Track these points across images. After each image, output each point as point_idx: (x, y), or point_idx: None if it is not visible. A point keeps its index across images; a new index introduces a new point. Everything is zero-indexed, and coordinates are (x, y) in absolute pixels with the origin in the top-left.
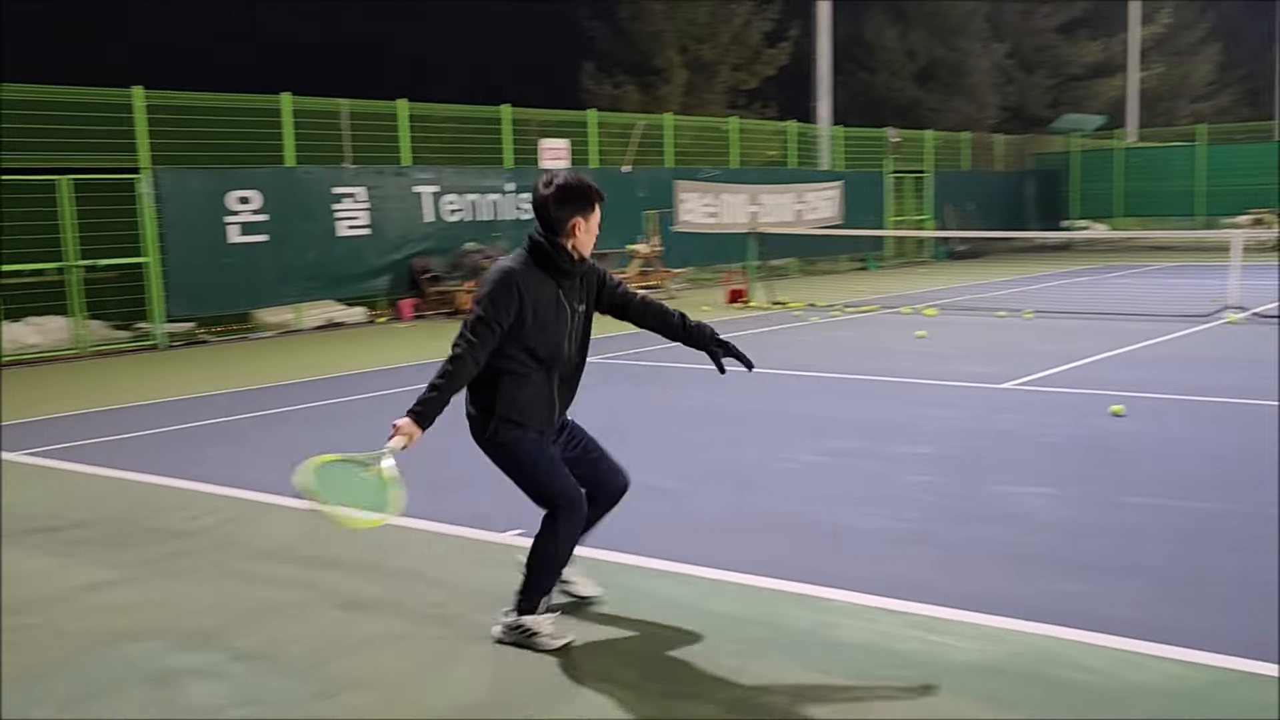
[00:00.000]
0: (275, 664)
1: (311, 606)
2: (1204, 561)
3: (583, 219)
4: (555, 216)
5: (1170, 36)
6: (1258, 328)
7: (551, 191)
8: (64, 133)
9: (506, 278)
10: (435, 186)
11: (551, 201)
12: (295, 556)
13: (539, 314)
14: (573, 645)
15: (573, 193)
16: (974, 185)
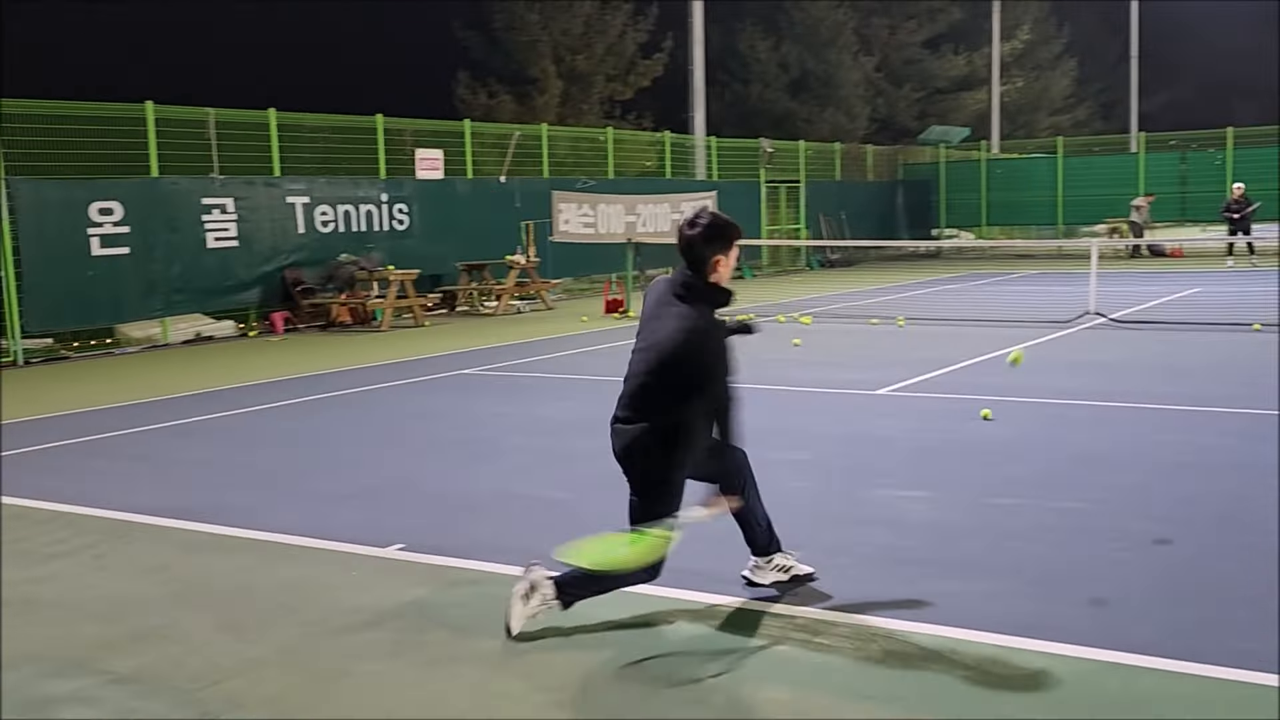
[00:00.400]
0: (153, 688)
1: (188, 628)
2: (1068, 559)
3: (724, 255)
4: (700, 255)
5: (1029, 52)
6: (1114, 332)
7: (699, 231)
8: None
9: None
10: (307, 197)
11: (700, 240)
12: (170, 577)
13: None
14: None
15: (718, 230)
16: (846, 195)
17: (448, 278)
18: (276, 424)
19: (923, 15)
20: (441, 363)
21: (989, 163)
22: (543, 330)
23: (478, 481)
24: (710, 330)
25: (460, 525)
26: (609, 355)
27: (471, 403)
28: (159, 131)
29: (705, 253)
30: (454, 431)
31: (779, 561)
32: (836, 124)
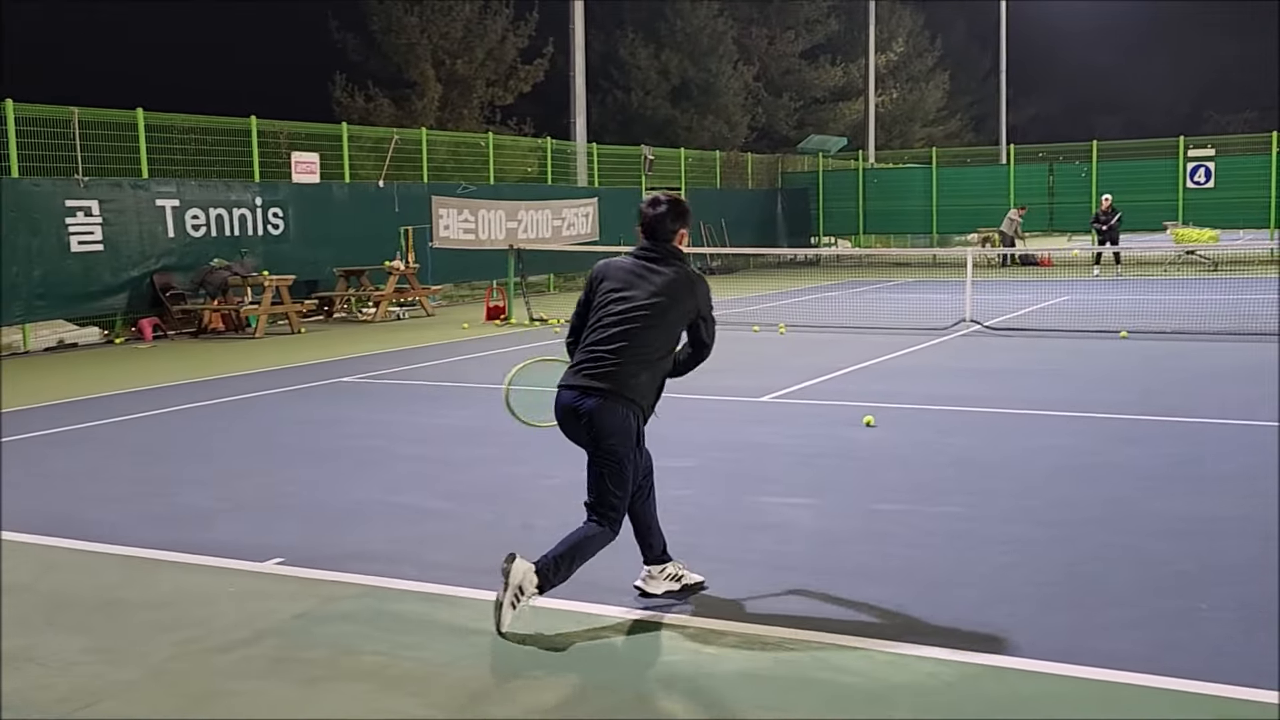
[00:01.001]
0: (19, 714)
1: (55, 650)
2: (952, 565)
3: (685, 230)
4: (671, 228)
5: (904, 64)
6: (990, 339)
7: (664, 209)
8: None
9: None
10: (177, 200)
11: (668, 217)
12: (33, 596)
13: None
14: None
15: (680, 208)
16: (726, 203)
17: (325, 284)
18: (145, 434)
19: (801, 26)
20: (318, 370)
21: (866, 172)
22: (423, 337)
23: (358, 492)
24: (703, 280)
25: (341, 537)
26: (491, 362)
27: (350, 411)
28: (19, 130)
29: (671, 227)
30: (332, 441)
31: (671, 570)
32: (717, 132)
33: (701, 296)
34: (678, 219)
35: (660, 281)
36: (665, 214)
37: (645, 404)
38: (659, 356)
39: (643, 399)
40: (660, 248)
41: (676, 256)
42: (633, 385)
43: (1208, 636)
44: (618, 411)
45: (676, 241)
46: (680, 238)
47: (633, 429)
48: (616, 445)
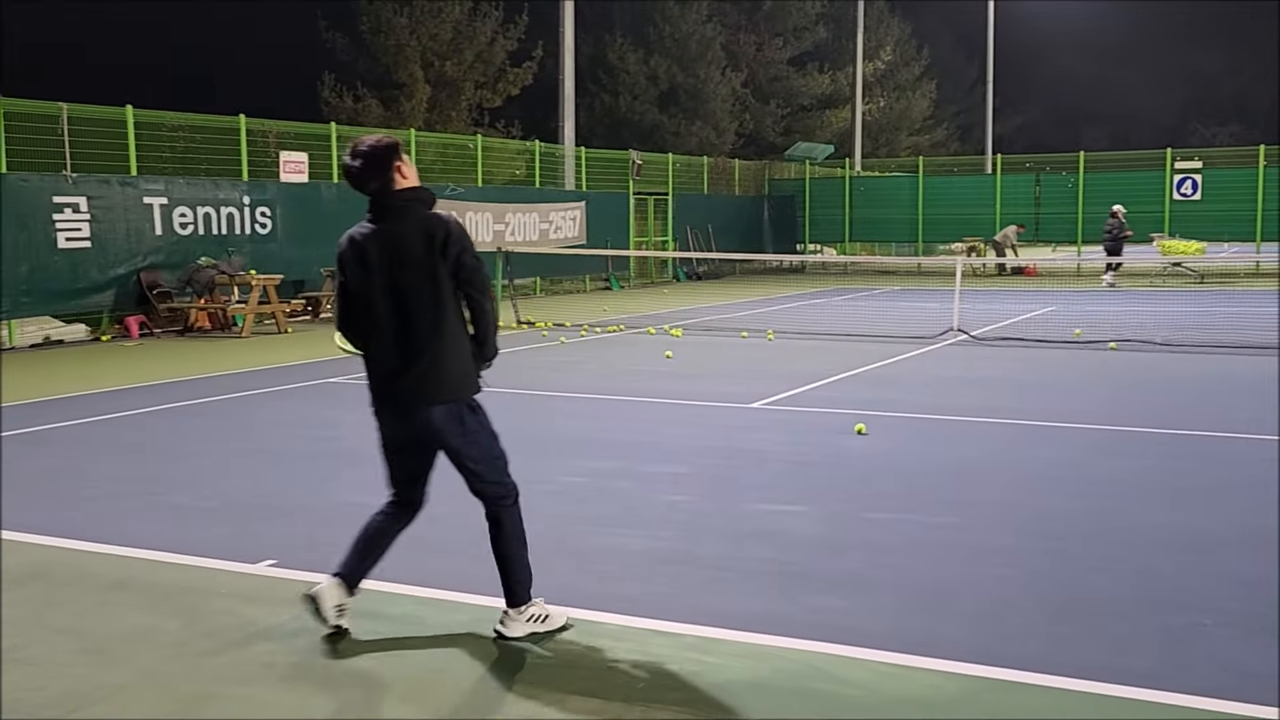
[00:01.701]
0: (12, 715)
1: (45, 652)
2: (946, 574)
3: (401, 161)
4: (379, 178)
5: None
6: (978, 349)
7: (362, 162)
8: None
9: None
10: (165, 198)
11: (369, 169)
12: (22, 597)
13: None
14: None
15: (380, 152)
16: (713, 208)
17: (312, 283)
18: (132, 433)
19: (789, 33)
20: (305, 370)
21: (852, 180)
22: None
23: (348, 493)
24: (442, 218)
25: (333, 539)
26: None
27: (337, 412)
28: (8, 126)
29: (379, 173)
30: (320, 441)
31: (534, 611)
32: (704, 138)
33: (441, 241)
34: (381, 163)
35: (404, 243)
36: (364, 165)
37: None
38: (455, 331)
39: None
40: (386, 200)
41: (412, 201)
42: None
43: (1213, 652)
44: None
45: (399, 181)
46: (399, 170)
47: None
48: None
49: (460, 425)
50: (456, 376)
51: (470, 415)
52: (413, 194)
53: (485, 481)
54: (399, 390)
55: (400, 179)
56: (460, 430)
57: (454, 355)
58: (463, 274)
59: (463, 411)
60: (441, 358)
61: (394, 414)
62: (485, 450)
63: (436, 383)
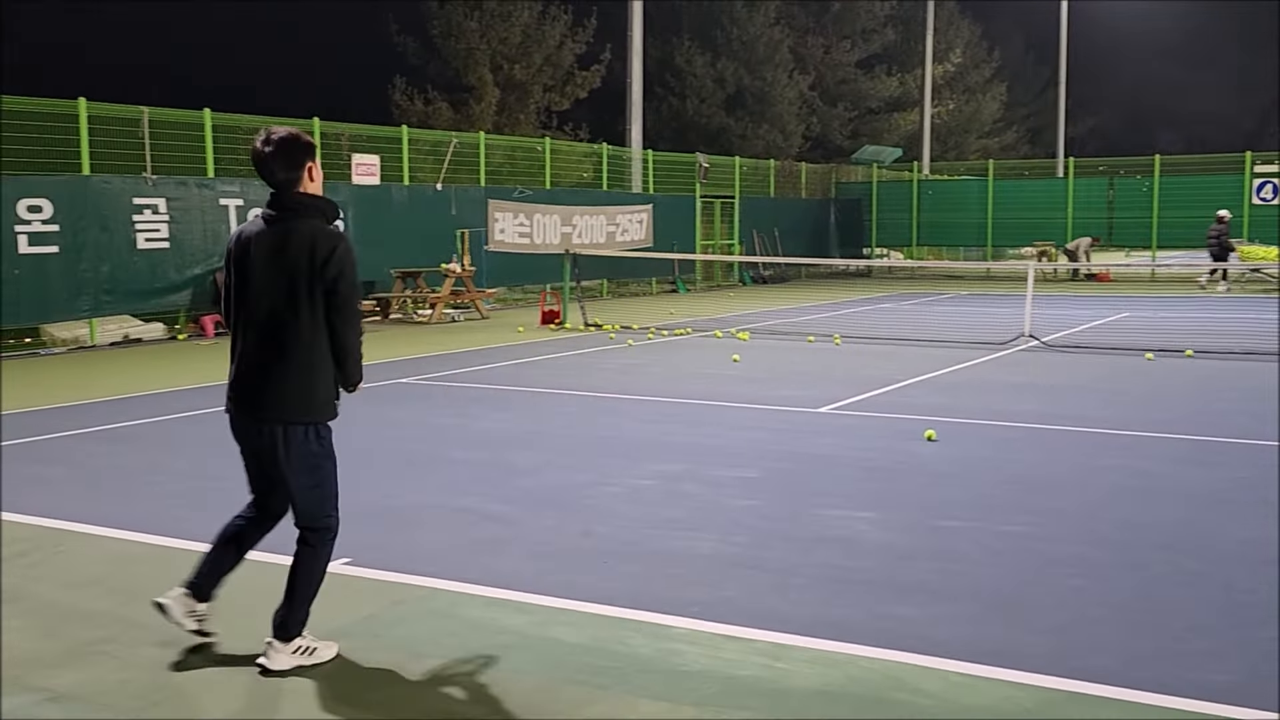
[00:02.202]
0: (94, 706)
1: (130, 644)
2: (1019, 584)
3: (313, 163)
4: (285, 171)
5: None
6: (1049, 355)
7: (274, 149)
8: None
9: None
10: (241, 200)
11: (278, 156)
12: (108, 589)
13: None
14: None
15: (289, 143)
16: (779, 212)
17: (381, 285)
18: (209, 431)
19: (857, 35)
20: (376, 371)
21: (920, 183)
22: (478, 340)
23: (419, 494)
24: (335, 235)
25: (404, 539)
26: (546, 367)
27: (407, 413)
28: (91, 129)
29: (287, 165)
30: (391, 442)
31: (300, 644)
32: (771, 141)
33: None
34: (291, 155)
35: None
36: (275, 152)
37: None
38: (311, 353)
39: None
40: (284, 198)
41: (310, 209)
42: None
43: None
44: (282, 430)
45: (305, 181)
46: (309, 173)
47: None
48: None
49: (286, 448)
50: (295, 398)
51: (303, 440)
52: (312, 200)
53: (299, 512)
54: (247, 392)
55: (307, 181)
56: (285, 453)
57: (300, 375)
58: (333, 299)
59: (294, 435)
60: (286, 376)
61: (239, 420)
62: (308, 480)
63: (271, 400)
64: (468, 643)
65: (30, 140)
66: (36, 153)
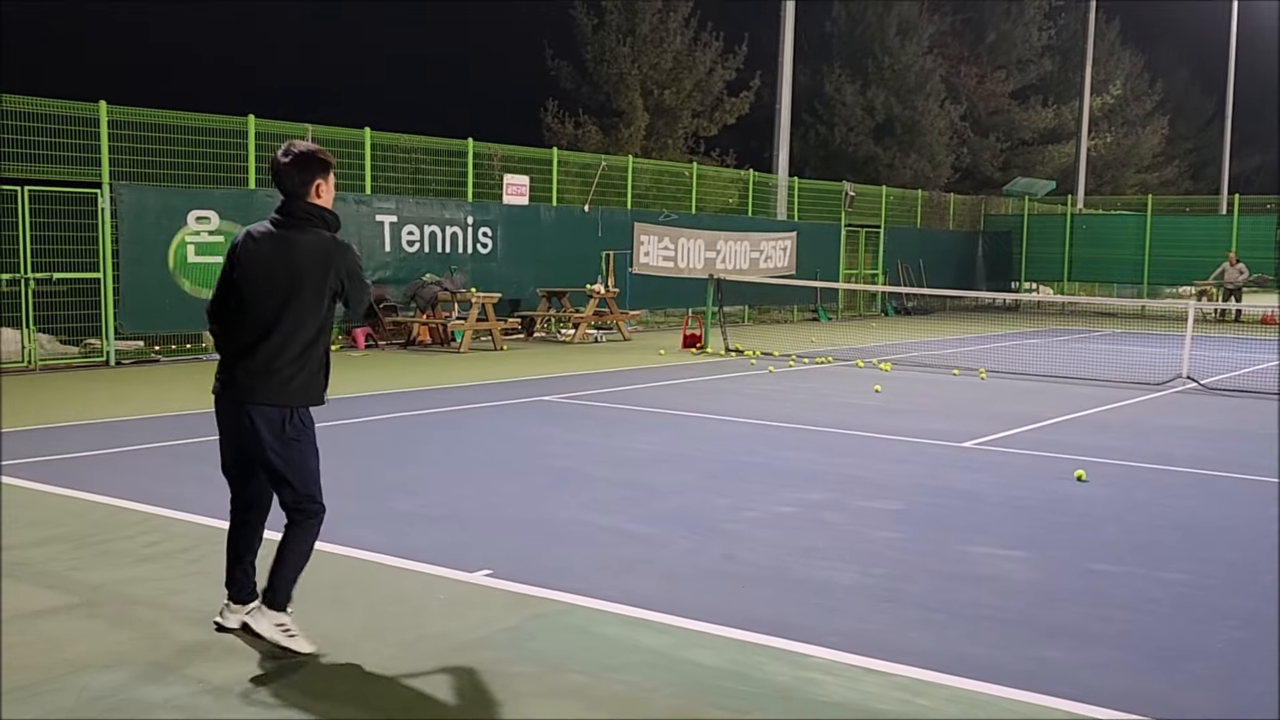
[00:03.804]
0: (247, 700)
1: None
2: (1179, 634)
3: (324, 180)
4: (295, 181)
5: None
6: (1209, 398)
7: (291, 160)
8: (24, 143)
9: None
10: (395, 216)
11: (294, 167)
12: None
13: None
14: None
15: (307, 158)
16: (925, 243)
17: (527, 303)
18: (361, 438)
19: (1012, 66)
20: (521, 388)
21: (1074, 217)
22: (620, 361)
23: (560, 510)
24: (341, 246)
25: (545, 554)
26: (687, 390)
27: (550, 430)
28: (258, 144)
29: (300, 178)
30: (534, 458)
31: (285, 620)
32: (919, 171)
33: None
34: (305, 169)
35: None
36: (291, 164)
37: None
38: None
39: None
40: (292, 206)
41: (313, 219)
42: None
43: None
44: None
45: (313, 195)
46: (318, 190)
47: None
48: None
49: (280, 429)
50: (294, 384)
51: (293, 423)
52: (318, 211)
53: (294, 490)
54: (237, 379)
55: (315, 196)
56: (280, 434)
57: (301, 366)
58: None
59: (286, 416)
60: (288, 365)
61: (227, 405)
62: (300, 460)
63: (273, 385)
64: (605, 660)
65: (203, 154)
66: (206, 166)
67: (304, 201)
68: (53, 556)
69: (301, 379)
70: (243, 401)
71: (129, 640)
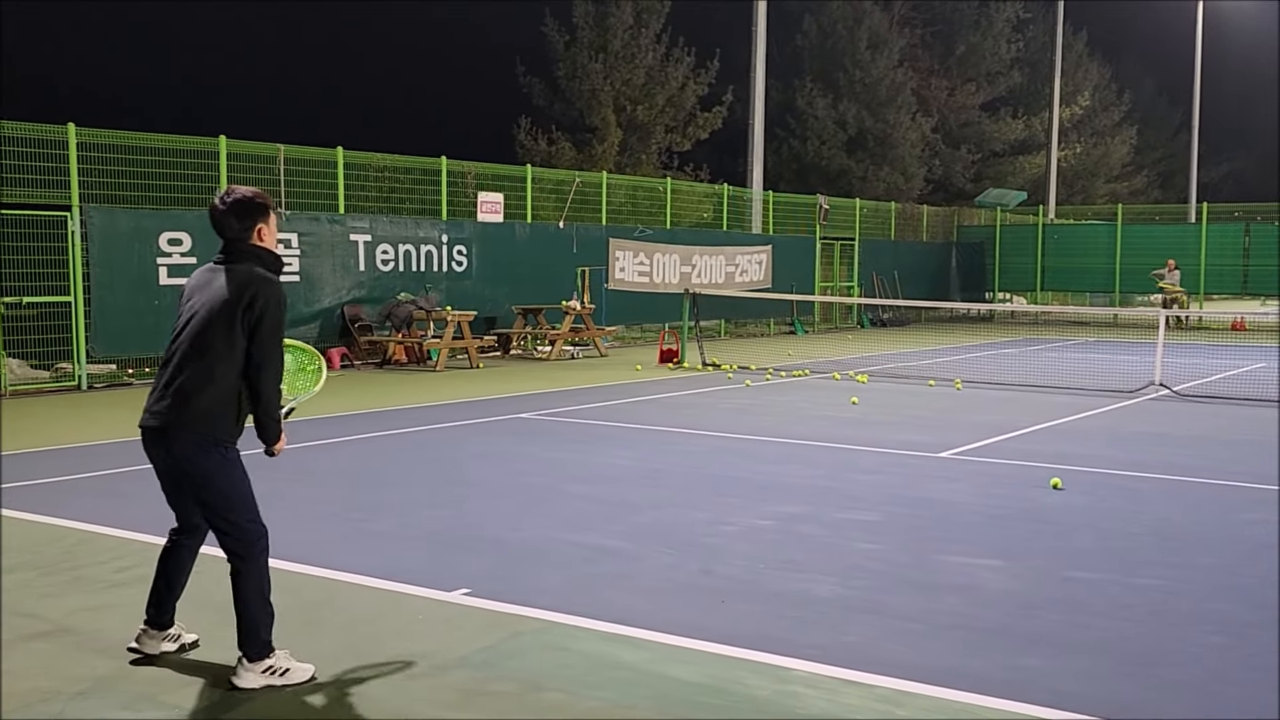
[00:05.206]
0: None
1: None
2: (1154, 639)
3: (265, 224)
4: (235, 227)
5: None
6: (1181, 405)
7: (228, 206)
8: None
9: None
10: (369, 235)
11: (230, 213)
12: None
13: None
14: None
15: (244, 204)
16: (900, 254)
17: (503, 320)
18: (335, 459)
19: (982, 79)
20: (497, 405)
21: (1046, 227)
22: (597, 377)
23: (536, 527)
24: (269, 279)
25: (523, 571)
26: (664, 405)
27: (527, 447)
28: (230, 165)
29: (239, 225)
30: (511, 476)
31: (271, 664)
32: (892, 183)
33: (260, 293)
34: (244, 216)
35: (219, 284)
36: (229, 211)
37: (218, 429)
38: (222, 372)
39: (212, 424)
40: (233, 247)
41: (248, 255)
42: (199, 411)
43: None
44: (188, 441)
45: (255, 239)
46: (259, 234)
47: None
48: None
49: (202, 459)
50: (208, 414)
51: (216, 454)
52: (256, 250)
53: (218, 518)
54: (155, 409)
55: (257, 239)
56: (202, 465)
57: (215, 395)
58: (254, 338)
59: (208, 447)
60: (202, 392)
61: (146, 431)
62: (223, 491)
63: (189, 413)
64: (584, 677)
65: (174, 175)
66: (178, 188)
67: (246, 244)
68: (23, 583)
69: (216, 408)
70: (164, 428)
71: (103, 667)
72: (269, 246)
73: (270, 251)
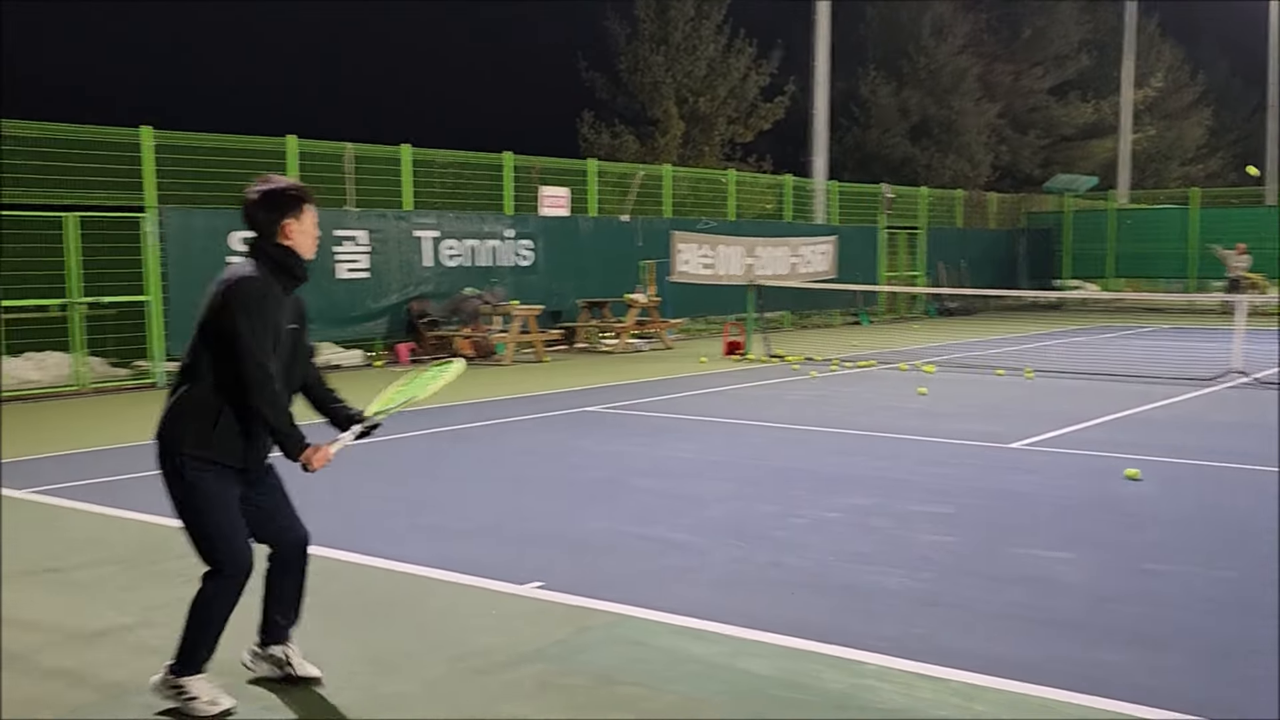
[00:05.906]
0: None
1: (330, 659)
2: (1237, 633)
3: (294, 219)
4: (261, 219)
5: (1162, 100)
6: (1263, 393)
7: (256, 197)
8: (71, 170)
9: (261, 288)
10: (436, 231)
11: (258, 206)
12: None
13: (279, 333)
14: (604, 708)
15: (274, 196)
16: (966, 242)
17: (568, 314)
18: (406, 455)
19: (1049, 62)
20: (564, 399)
21: (1118, 213)
22: (662, 370)
23: (606, 520)
24: (254, 279)
25: (594, 565)
26: (731, 397)
27: (594, 440)
28: (300, 165)
29: (265, 217)
30: (579, 469)
31: (183, 685)
32: (958, 170)
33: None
34: (271, 209)
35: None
36: (258, 202)
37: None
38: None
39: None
40: (253, 244)
41: (263, 253)
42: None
43: None
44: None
45: (281, 236)
46: (285, 230)
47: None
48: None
49: (166, 479)
50: (179, 423)
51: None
52: (283, 255)
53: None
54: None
55: (284, 237)
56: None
57: (185, 402)
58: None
59: (176, 460)
60: (176, 398)
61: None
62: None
63: (166, 417)
64: (658, 671)
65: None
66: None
67: (270, 243)
68: (106, 577)
69: (184, 418)
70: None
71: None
72: (296, 246)
73: (294, 253)
